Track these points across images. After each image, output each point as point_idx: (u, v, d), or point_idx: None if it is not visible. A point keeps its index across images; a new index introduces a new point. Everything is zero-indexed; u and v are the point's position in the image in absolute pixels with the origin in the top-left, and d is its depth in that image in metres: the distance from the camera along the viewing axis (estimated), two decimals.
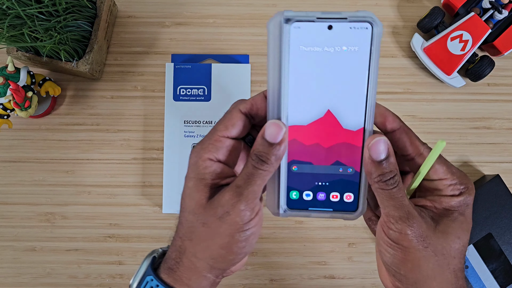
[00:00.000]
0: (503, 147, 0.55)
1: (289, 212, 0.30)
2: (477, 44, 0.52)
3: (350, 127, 0.28)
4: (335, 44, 0.26)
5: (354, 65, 0.27)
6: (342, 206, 0.30)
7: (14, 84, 0.47)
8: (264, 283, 0.53)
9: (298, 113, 0.28)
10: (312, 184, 0.30)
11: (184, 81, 0.53)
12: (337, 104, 0.28)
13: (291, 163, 0.29)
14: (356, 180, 0.29)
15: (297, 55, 0.27)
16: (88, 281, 0.52)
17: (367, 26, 0.26)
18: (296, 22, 0.26)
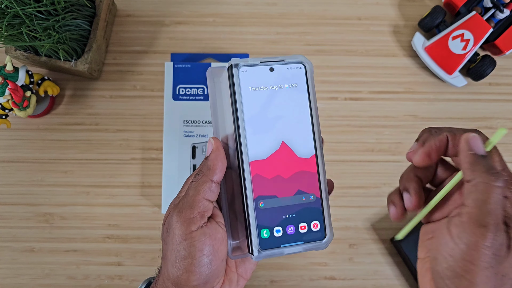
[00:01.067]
0: (505, 147, 0.55)
1: (263, 253, 0.29)
2: (479, 43, 0.52)
3: (304, 155, 0.31)
4: (278, 83, 0.30)
5: (297, 98, 0.31)
6: (311, 237, 0.30)
7: (12, 84, 0.47)
8: (264, 284, 0.53)
9: (256, 148, 0.30)
10: (280, 218, 0.30)
11: (183, 80, 0.53)
12: (290, 135, 0.30)
13: (257, 200, 0.29)
14: (319, 207, 0.31)
15: (248, 95, 0.30)
16: (87, 282, 0.52)
17: (301, 66, 0.31)
18: (243, 67, 0.30)
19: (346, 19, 0.56)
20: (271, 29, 0.56)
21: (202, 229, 0.29)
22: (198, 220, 0.29)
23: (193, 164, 0.52)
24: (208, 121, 0.53)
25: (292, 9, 0.56)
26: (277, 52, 0.55)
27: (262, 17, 0.56)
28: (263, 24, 0.56)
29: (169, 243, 0.29)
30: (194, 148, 0.52)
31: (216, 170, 0.30)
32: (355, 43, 0.56)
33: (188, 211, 0.29)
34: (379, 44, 0.56)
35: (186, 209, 0.29)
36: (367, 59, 0.56)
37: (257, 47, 0.55)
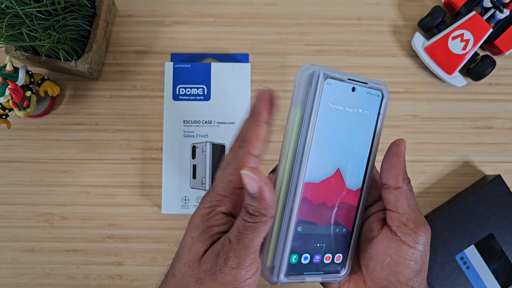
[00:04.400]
0: (505, 147, 0.55)
1: (287, 279, 0.27)
2: (478, 43, 0.52)
3: (351, 186, 0.29)
4: (355, 106, 0.28)
5: (364, 127, 0.29)
6: (331, 268, 0.29)
7: (12, 84, 0.47)
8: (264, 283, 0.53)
9: (314, 170, 0.27)
10: (311, 246, 0.28)
11: (183, 80, 0.53)
12: (345, 163, 0.28)
13: (298, 223, 0.27)
14: (347, 240, 0.30)
15: (324, 111, 0.27)
16: (87, 282, 0.52)
17: (379, 94, 0.29)
18: (330, 79, 0.27)
19: (346, 19, 0.56)
20: (271, 29, 0.56)
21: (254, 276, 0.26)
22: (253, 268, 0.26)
23: (193, 164, 0.52)
24: (208, 121, 0.52)
25: (292, 9, 0.56)
26: (277, 52, 0.55)
27: (262, 17, 0.56)
28: (263, 24, 0.56)
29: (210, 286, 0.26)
30: (194, 148, 0.52)
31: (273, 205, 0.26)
32: (355, 43, 0.56)
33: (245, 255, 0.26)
34: (379, 44, 0.56)
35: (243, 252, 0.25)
36: (367, 59, 0.56)
37: (257, 47, 0.55)
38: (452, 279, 0.50)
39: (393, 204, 0.29)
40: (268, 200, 0.25)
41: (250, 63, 0.54)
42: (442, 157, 0.55)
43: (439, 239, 0.50)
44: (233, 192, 0.28)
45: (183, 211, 0.51)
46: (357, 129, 0.28)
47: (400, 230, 0.28)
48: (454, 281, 0.50)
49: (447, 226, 0.51)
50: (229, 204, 0.28)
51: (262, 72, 0.55)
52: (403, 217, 0.28)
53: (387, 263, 0.29)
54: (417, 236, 0.28)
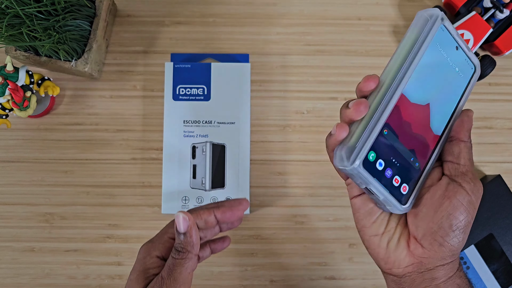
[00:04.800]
0: (505, 147, 0.55)
1: (361, 168, 0.28)
2: (478, 43, 0.52)
3: (433, 129, 0.31)
4: (454, 62, 0.32)
5: (456, 85, 0.32)
6: (397, 194, 0.30)
7: (12, 84, 0.47)
8: (264, 284, 0.53)
9: (412, 88, 0.30)
10: (388, 157, 0.29)
11: (183, 80, 0.53)
12: (435, 104, 0.31)
13: (385, 126, 0.29)
14: (417, 176, 0.31)
15: (433, 47, 0.30)
16: (87, 282, 0.52)
17: (472, 67, 0.33)
18: (444, 26, 0.30)
19: (346, 19, 0.56)
20: (271, 29, 0.56)
21: None
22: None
23: (193, 164, 0.52)
24: (208, 121, 0.52)
25: (292, 9, 0.56)
26: (277, 52, 0.55)
27: (262, 17, 0.56)
28: (263, 24, 0.56)
29: None
30: (194, 148, 0.52)
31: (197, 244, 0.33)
32: (355, 43, 0.56)
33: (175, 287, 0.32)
34: (379, 44, 0.56)
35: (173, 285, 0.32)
36: (367, 59, 0.56)
37: (257, 47, 0.55)
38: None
39: (456, 155, 0.31)
40: (194, 238, 0.33)
41: (250, 63, 0.54)
42: None
43: None
44: (167, 240, 0.35)
45: None
46: (452, 82, 0.32)
47: (460, 178, 0.30)
48: None
49: None
50: (162, 249, 0.34)
51: (262, 72, 0.55)
52: (463, 168, 0.30)
53: (444, 206, 0.29)
54: (475, 186, 0.29)
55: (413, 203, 0.31)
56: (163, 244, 0.35)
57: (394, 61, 0.30)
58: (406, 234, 0.31)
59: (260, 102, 0.55)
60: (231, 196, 0.52)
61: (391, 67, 0.30)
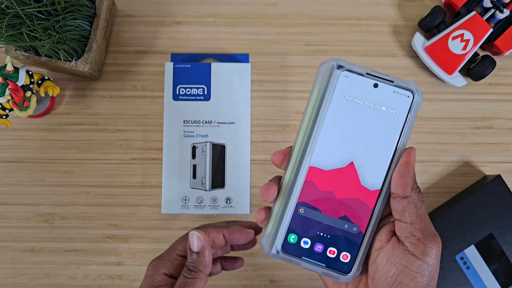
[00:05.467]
0: (505, 147, 0.55)
1: (282, 255, 0.29)
2: (478, 43, 0.52)
3: (368, 185, 0.28)
4: (376, 102, 0.28)
5: (388, 126, 0.28)
6: (336, 265, 0.29)
7: (12, 84, 0.47)
8: (264, 284, 0.53)
9: (322, 156, 0.28)
10: (314, 233, 0.29)
11: (183, 80, 0.53)
12: (362, 159, 0.28)
13: (300, 205, 0.28)
14: (358, 241, 0.29)
15: (338, 101, 0.28)
16: (87, 282, 0.52)
17: (409, 95, 0.28)
18: (346, 71, 0.28)
19: (346, 19, 0.56)
20: (271, 29, 0.56)
21: None
22: None
23: (193, 164, 0.52)
24: (208, 121, 0.52)
25: (292, 9, 0.56)
26: (277, 52, 0.55)
27: (262, 17, 0.56)
28: (263, 24, 0.56)
29: None
30: (194, 148, 0.52)
31: (209, 265, 0.33)
32: (355, 43, 0.56)
33: None
34: (379, 44, 0.56)
35: None
36: (367, 59, 0.56)
37: (257, 47, 0.55)
38: (452, 279, 0.50)
39: (401, 214, 0.28)
40: (206, 258, 0.32)
41: (250, 63, 0.54)
42: (442, 157, 0.55)
43: None
44: (175, 257, 0.35)
45: (183, 211, 0.51)
46: (379, 127, 0.28)
47: (407, 240, 0.28)
48: (454, 281, 0.50)
49: (447, 226, 0.51)
50: (170, 266, 0.34)
51: (262, 72, 0.55)
52: (411, 227, 0.28)
53: (392, 274, 0.28)
54: (425, 247, 0.27)
55: (360, 269, 0.29)
56: (171, 261, 0.35)
57: (299, 131, 0.29)
58: None
59: (260, 102, 0.55)
60: (231, 196, 0.52)
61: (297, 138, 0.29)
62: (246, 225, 0.39)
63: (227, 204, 0.51)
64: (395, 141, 0.28)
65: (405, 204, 0.28)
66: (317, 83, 0.28)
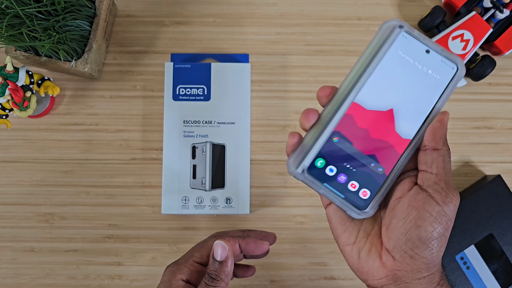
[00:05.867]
0: (505, 147, 0.55)
1: (306, 175, 0.29)
2: (478, 43, 0.52)
3: (401, 133, 0.30)
4: (425, 65, 0.31)
5: (430, 88, 0.31)
6: (354, 199, 0.30)
7: (12, 84, 0.47)
8: (264, 284, 0.53)
9: (367, 96, 0.30)
10: (341, 163, 0.30)
11: (183, 80, 0.53)
12: (402, 109, 0.30)
13: (335, 133, 0.29)
14: (380, 181, 0.30)
15: (393, 54, 0.30)
16: (87, 282, 0.52)
17: (454, 67, 0.31)
18: (406, 33, 0.30)
19: (346, 19, 0.56)
20: (271, 29, 0.56)
21: None
22: None
23: (193, 164, 0.52)
24: (208, 121, 0.52)
25: (292, 9, 0.56)
26: (277, 52, 0.55)
27: (262, 17, 0.56)
28: (263, 24, 0.56)
29: None
30: (194, 148, 0.52)
31: (231, 275, 0.33)
32: (355, 43, 0.56)
33: None
34: None
35: None
36: None
37: (257, 47, 0.55)
38: (452, 279, 0.50)
39: (429, 165, 0.29)
40: (229, 268, 0.33)
41: (250, 63, 0.54)
42: None
43: None
44: (193, 264, 0.35)
45: (183, 211, 0.51)
46: (423, 86, 0.30)
47: (431, 188, 0.29)
48: (454, 281, 0.50)
49: None
50: (187, 272, 0.35)
51: (262, 72, 0.55)
52: (436, 177, 0.29)
53: (412, 217, 0.28)
54: (447, 196, 0.28)
55: (375, 209, 0.30)
56: (188, 268, 0.35)
57: (351, 72, 0.31)
58: (379, 245, 0.30)
59: (260, 102, 0.55)
60: (231, 196, 0.52)
61: (347, 78, 0.30)
62: (261, 236, 0.40)
63: (227, 204, 0.51)
64: (433, 102, 0.31)
65: (435, 156, 0.29)
66: (378, 36, 0.30)
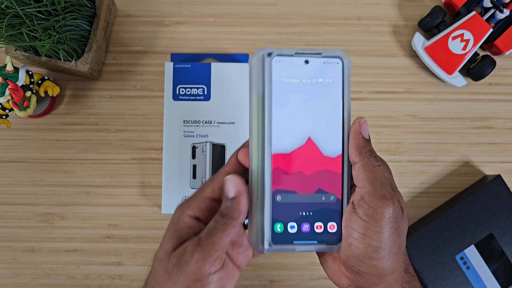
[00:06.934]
0: (505, 147, 0.55)
1: (274, 247, 0.29)
2: (478, 43, 0.52)
3: (330, 154, 0.30)
4: (312, 77, 0.29)
5: (329, 95, 0.30)
6: (326, 238, 0.30)
7: (12, 84, 0.47)
8: (264, 284, 0.53)
9: (281, 141, 0.29)
10: (297, 215, 0.29)
11: (183, 80, 0.53)
12: (317, 132, 0.29)
13: (275, 193, 0.29)
14: (338, 209, 0.30)
15: (279, 86, 0.29)
16: (87, 282, 0.52)
17: (338, 61, 0.30)
18: (277, 56, 0.29)
19: (346, 19, 0.56)
20: (271, 29, 0.56)
21: (219, 272, 0.29)
22: (218, 264, 0.29)
23: (193, 164, 0.52)
24: (208, 121, 0.53)
25: (292, 9, 0.56)
26: None
27: (262, 17, 0.56)
28: (263, 24, 0.56)
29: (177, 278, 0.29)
30: (194, 148, 0.52)
31: (244, 213, 0.30)
32: (355, 43, 0.56)
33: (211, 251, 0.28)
34: (379, 44, 0.56)
35: (209, 247, 0.28)
36: (367, 59, 0.56)
37: (257, 47, 0.55)
38: (452, 279, 0.50)
39: (356, 179, 0.29)
40: (242, 205, 0.29)
41: None
42: (442, 157, 0.55)
43: (439, 239, 0.50)
44: (202, 199, 0.31)
45: None
46: (322, 98, 0.29)
47: (357, 203, 0.29)
48: (454, 281, 0.50)
49: (447, 226, 0.51)
50: (196, 208, 0.31)
51: None
52: (362, 190, 0.28)
53: (345, 236, 0.29)
54: (370, 209, 0.28)
55: None
56: (197, 204, 0.31)
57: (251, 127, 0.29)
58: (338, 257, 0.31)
59: None
60: None
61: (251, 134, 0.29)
62: None
63: None
64: (340, 107, 0.30)
65: (357, 169, 0.29)
66: (254, 75, 0.29)
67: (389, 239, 0.28)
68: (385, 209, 0.28)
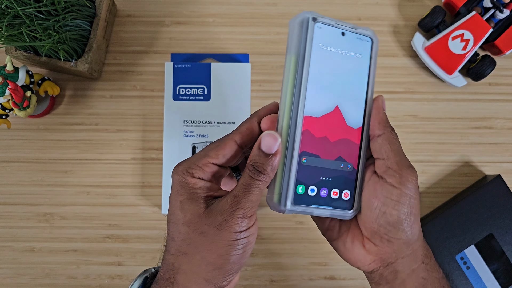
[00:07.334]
0: (505, 147, 0.55)
1: (295, 208, 0.29)
2: (479, 43, 0.52)
3: (352, 124, 0.31)
4: (346, 49, 0.31)
5: (358, 69, 0.31)
6: (340, 204, 0.31)
7: (12, 84, 0.47)
8: (264, 284, 0.53)
9: (313, 105, 0.30)
10: (317, 179, 0.30)
11: (183, 80, 0.53)
12: (344, 102, 0.31)
13: (302, 155, 0.29)
14: (353, 178, 0.31)
15: (318, 51, 0.30)
16: (87, 282, 0.52)
17: (368, 40, 0.32)
18: (319, 23, 0.30)
19: (346, 19, 0.56)
20: (271, 29, 0.56)
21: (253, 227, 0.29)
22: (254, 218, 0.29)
23: None
24: (208, 121, 0.53)
25: (292, 9, 0.56)
26: (277, 52, 0.55)
27: (262, 17, 0.56)
28: (263, 24, 0.56)
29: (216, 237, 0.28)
30: (194, 148, 0.52)
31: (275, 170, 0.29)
32: None
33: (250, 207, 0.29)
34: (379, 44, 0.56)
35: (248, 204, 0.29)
36: None
37: (257, 47, 0.55)
38: (452, 279, 0.50)
39: (378, 152, 0.30)
40: (276, 162, 0.29)
41: (250, 63, 0.54)
42: (442, 157, 0.55)
43: (439, 239, 0.50)
44: (206, 164, 0.30)
45: None
46: (352, 70, 0.31)
47: (385, 174, 0.30)
48: (454, 281, 0.50)
49: (447, 226, 0.51)
50: (202, 173, 0.30)
51: (262, 72, 0.55)
52: (387, 161, 0.30)
53: (375, 206, 0.30)
54: (401, 177, 0.29)
55: (360, 203, 0.31)
56: (202, 168, 0.30)
57: (286, 86, 0.30)
58: (359, 235, 0.32)
59: (260, 102, 0.55)
60: None
61: (285, 94, 0.29)
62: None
63: None
64: (365, 81, 0.32)
65: (380, 141, 0.30)
66: (294, 36, 0.30)
67: (417, 204, 0.30)
68: (414, 176, 0.30)
